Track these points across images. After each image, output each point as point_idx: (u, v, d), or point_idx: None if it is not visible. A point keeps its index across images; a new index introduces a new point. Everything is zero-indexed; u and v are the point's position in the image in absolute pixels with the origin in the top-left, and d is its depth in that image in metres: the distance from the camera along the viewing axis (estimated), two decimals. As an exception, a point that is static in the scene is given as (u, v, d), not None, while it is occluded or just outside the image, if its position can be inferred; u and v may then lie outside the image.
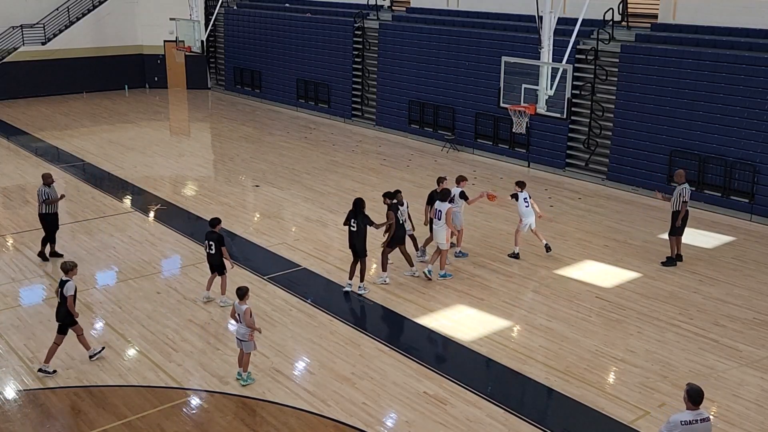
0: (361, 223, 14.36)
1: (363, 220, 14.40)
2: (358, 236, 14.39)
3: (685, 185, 15.78)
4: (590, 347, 12.58)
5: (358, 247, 14.49)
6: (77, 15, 36.38)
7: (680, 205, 15.71)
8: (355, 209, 14.41)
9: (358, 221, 14.35)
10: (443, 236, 14.96)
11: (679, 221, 15.83)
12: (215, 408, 10.81)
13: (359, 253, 14.53)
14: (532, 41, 20.48)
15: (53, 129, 29.22)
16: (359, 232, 14.37)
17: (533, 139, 23.96)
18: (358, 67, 30.45)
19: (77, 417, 10.58)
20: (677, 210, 15.79)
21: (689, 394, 8.00)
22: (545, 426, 10.45)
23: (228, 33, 37.22)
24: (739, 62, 19.44)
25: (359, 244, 14.45)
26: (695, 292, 14.76)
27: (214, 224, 13.98)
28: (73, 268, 11.71)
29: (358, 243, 14.44)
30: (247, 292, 11.35)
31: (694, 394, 7.97)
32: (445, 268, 15.26)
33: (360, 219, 14.37)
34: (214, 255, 13.86)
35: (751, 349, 12.55)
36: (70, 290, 11.49)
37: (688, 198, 15.76)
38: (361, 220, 14.36)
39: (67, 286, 11.50)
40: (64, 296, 11.53)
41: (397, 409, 10.85)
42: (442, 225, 14.89)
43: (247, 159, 25.10)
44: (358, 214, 14.37)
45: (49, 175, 16.21)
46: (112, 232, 18.10)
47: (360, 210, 14.40)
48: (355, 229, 14.36)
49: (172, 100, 36.53)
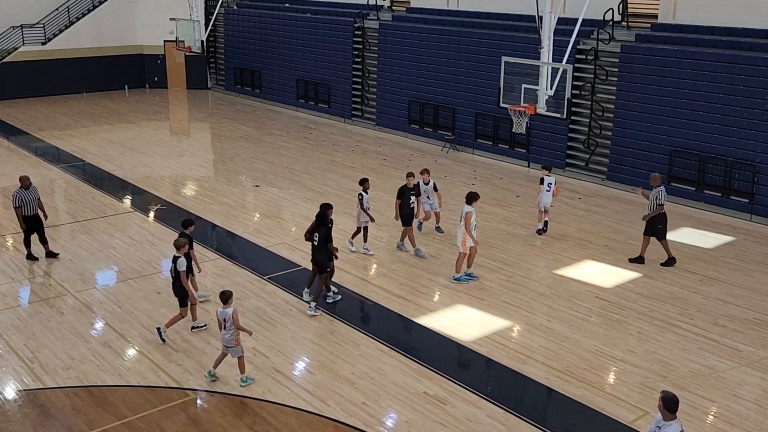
0: (321, 236, 13.54)
1: (324, 233, 13.57)
2: (318, 250, 13.60)
3: (661, 188, 15.79)
4: (590, 347, 12.58)
5: (320, 262, 13.68)
6: (77, 15, 36.39)
7: (656, 208, 15.71)
8: (317, 221, 13.65)
9: (320, 234, 13.54)
10: (459, 238, 14.88)
11: (646, 219, 15.86)
12: (215, 408, 10.81)
13: (320, 268, 13.72)
14: (532, 41, 20.51)
15: (53, 129, 29.23)
16: (320, 246, 13.55)
17: (533, 139, 23.96)
18: (358, 67, 30.46)
19: (77, 417, 10.58)
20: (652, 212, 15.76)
21: (665, 401, 7.77)
22: (545, 426, 10.45)
23: (228, 33, 37.23)
24: (739, 62, 19.45)
25: (321, 259, 13.66)
26: (695, 292, 14.76)
27: (186, 225, 13.73)
28: (184, 245, 12.57)
29: (320, 257, 13.64)
30: (231, 296, 11.17)
31: (670, 402, 7.77)
32: (461, 271, 15.11)
33: (322, 231, 13.55)
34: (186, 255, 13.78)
35: (751, 349, 12.55)
36: (181, 266, 12.36)
37: (663, 201, 15.72)
38: (322, 233, 13.54)
39: (179, 261, 12.34)
40: (177, 271, 12.37)
41: (397, 409, 10.85)
42: (461, 227, 14.82)
43: (247, 159, 25.10)
44: (321, 226, 13.58)
45: (27, 178, 16.12)
46: (112, 232, 18.10)
47: (324, 222, 13.60)
48: (317, 243, 13.56)
49: (172, 100, 36.54)
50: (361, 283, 15.00)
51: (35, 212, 16.06)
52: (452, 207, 20.02)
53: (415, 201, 16.42)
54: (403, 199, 16.18)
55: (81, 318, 13.58)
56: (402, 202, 16.17)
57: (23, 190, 15.89)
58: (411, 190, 16.33)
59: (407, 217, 16.28)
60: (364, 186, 16.17)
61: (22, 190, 15.90)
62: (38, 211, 16.10)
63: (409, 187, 16.30)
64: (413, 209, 16.39)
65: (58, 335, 12.90)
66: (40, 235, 16.22)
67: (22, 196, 15.85)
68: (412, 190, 16.36)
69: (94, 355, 12.24)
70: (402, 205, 16.18)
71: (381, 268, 15.93)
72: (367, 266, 15.80)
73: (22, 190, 15.89)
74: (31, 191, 16.03)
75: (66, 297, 14.46)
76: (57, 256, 16.31)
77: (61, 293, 14.64)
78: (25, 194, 15.89)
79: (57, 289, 14.86)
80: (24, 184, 15.95)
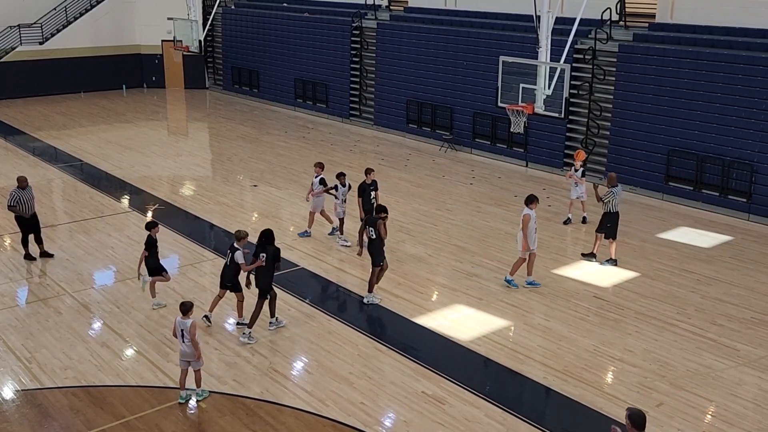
0: (269, 257, 12.53)
1: (271, 254, 12.57)
2: (262, 271, 12.58)
3: (618, 188, 15.80)
4: (588, 347, 12.58)
5: (263, 285, 12.63)
6: (75, 14, 36.35)
7: (613, 207, 15.69)
8: (261, 240, 12.56)
9: (267, 254, 12.48)
10: (520, 243, 14.57)
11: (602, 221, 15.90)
12: (213, 408, 10.80)
13: (263, 291, 12.69)
14: (530, 41, 20.51)
15: (51, 129, 29.19)
16: (266, 267, 12.55)
17: (531, 138, 23.96)
18: (356, 66, 30.45)
19: (75, 417, 10.57)
20: (610, 211, 15.71)
21: (632, 418, 7.55)
22: (543, 425, 10.46)
23: (226, 32, 37.20)
24: (737, 62, 19.46)
25: (264, 281, 12.61)
26: (693, 292, 14.77)
27: (149, 227, 13.79)
28: (245, 236, 12.79)
29: (263, 279, 12.59)
30: (192, 307, 10.73)
31: (637, 418, 7.56)
32: (513, 275, 14.82)
33: (269, 251, 12.50)
34: (149, 258, 13.80)
35: (749, 348, 12.56)
36: (239, 258, 12.63)
37: (616, 201, 15.68)
38: (269, 254, 12.51)
39: (236, 254, 12.64)
40: (234, 262, 12.68)
41: (395, 408, 10.85)
42: (520, 230, 14.51)
43: (245, 158, 25.09)
44: (266, 245, 12.51)
45: (24, 179, 16.13)
46: (110, 231, 18.08)
47: (269, 242, 12.57)
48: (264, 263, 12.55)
49: (170, 100, 36.50)
50: (360, 283, 14.99)
51: (32, 212, 16.05)
52: (451, 206, 20.04)
53: (375, 196, 16.58)
54: (364, 196, 16.41)
55: (79, 318, 13.57)
56: (363, 198, 16.40)
57: (20, 190, 15.88)
58: (370, 186, 16.54)
59: (369, 213, 16.18)
60: (341, 180, 16.82)
61: (19, 190, 15.89)
62: (35, 212, 16.09)
63: (368, 183, 16.52)
64: (374, 205, 16.31)
65: (56, 335, 12.89)
66: (36, 234, 16.22)
67: (20, 196, 15.84)
68: (371, 186, 16.55)
69: (92, 355, 12.23)
70: (364, 201, 16.38)
71: (379, 267, 15.92)
72: (364, 266, 15.78)
73: (19, 190, 15.88)
74: (28, 191, 16.02)
75: (64, 297, 14.45)
76: (52, 256, 16.29)
77: (59, 293, 14.63)
78: (22, 194, 15.87)
79: (55, 289, 14.84)
80: (21, 185, 15.95)
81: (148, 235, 13.77)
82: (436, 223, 18.68)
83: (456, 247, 16.90)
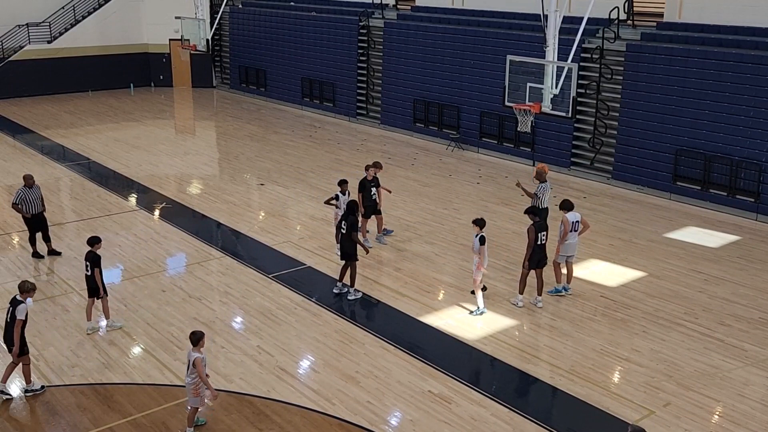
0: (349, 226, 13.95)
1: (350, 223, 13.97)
2: (346, 239, 14.13)
3: (547, 183, 15.90)
4: (595, 346, 12.56)
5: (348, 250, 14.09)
6: (83, 13, 36.46)
7: (546, 202, 15.73)
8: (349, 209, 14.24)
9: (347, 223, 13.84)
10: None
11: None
12: (220, 406, 10.82)
13: (348, 255, 14.19)
14: (537, 40, 20.47)
15: (59, 127, 29.29)
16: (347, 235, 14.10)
17: (538, 137, 23.92)
18: (363, 65, 30.45)
19: (83, 414, 10.60)
20: (540, 206, 15.62)
21: None
22: (550, 425, 10.44)
23: (233, 31, 37.26)
24: (745, 61, 19.39)
25: (349, 247, 14.10)
26: (701, 292, 14.73)
27: (92, 243, 12.81)
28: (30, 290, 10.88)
29: (348, 245, 14.09)
30: (202, 338, 9.92)
31: None
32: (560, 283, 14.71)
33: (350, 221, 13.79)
34: (90, 277, 12.76)
35: (756, 348, 12.52)
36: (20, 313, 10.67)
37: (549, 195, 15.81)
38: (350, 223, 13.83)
39: (19, 308, 10.70)
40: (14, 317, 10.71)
41: (401, 407, 10.86)
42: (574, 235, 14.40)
43: (252, 157, 25.12)
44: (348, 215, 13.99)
45: (30, 177, 16.15)
46: (117, 230, 18.13)
47: (352, 212, 14.07)
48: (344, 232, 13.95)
49: (178, 99, 36.58)
50: (367, 282, 15.00)
51: (38, 211, 16.09)
52: (457, 205, 20.02)
53: (376, 192, 16.67)
54: (365, 192, 16.47)
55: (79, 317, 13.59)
56: (364, 194, 16.46)
57: (26, 189, 15.93)
58: (371, 182, 16.60)
59: (369, 209, 16.65)
60: (342, 188, 16.14)
61: (26, 188, 15.94)
62: (42, 210, 16.14)
63: (369, 179, 16.58)
64: (375, 201, 16.68)
65: (63, 333, 12.93)
66: (44, 233, 16.27)
67: (25, 194, 15.88)
68: (372, 182, 16.60)
69: (99, 353, 12.27)
70: (364, 198, 16.45)
71: (386, 267, 15.92)
72: (372, 265, 15.79)
73: (25, 189, 15.93)
74: (35, 190, 16.07)
75: (71, 295, 14.49)
76: (60, 254, 16.33)
77: (66, 291, 14.67)
78: (29, 193, 15.92)
79: (62, 286, 14.89)
80: (27, 183, 15.99)
81: (91, 252, 12.72)
82: (443, 222, 18.67)
83: (463, 247, 16.88)
